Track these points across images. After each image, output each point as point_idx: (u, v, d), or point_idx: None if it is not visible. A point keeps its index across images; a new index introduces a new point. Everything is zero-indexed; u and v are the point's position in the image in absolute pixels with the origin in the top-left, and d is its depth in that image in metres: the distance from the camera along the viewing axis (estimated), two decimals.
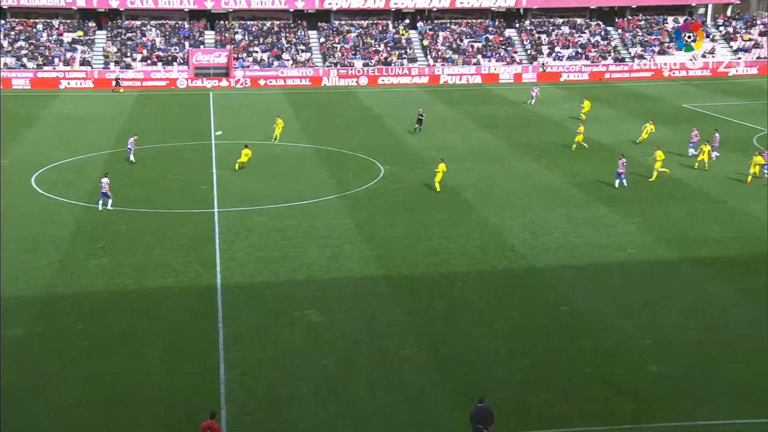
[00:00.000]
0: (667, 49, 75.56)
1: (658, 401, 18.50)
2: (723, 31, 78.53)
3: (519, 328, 22.25)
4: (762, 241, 28.63)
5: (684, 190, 35.39)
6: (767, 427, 17.50)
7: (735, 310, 23.15)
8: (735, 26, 79.29)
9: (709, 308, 23.35)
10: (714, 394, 18.75)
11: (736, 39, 77.28)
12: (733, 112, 53.99)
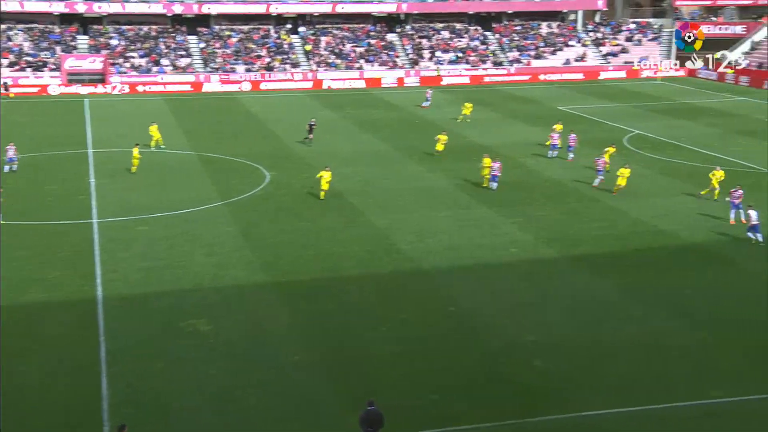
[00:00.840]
0: (542, 54, 78.50)
1: (544, 395, 19.16)
2: (593, 37, 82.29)
3: (408, 329, 22.57)
4: (635, 237, 30.17)
5: (561, 190, 36.82)
6: (647, 414, 18.43)
7: (613, 305, 24.27)
8: (603, 32, 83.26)
9: (589, 304, 24.39)
10: (596, 386, 19.58)
11: (605, 44, 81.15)
12: (605, 114, 56.66)
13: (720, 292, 24.99)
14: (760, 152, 43.87)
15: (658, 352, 21.15)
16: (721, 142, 46.75)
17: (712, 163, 40.63)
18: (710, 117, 55.80)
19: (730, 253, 28.28)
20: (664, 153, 43.81)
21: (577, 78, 76.08)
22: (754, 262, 27.28)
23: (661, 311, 23.61)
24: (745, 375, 19.87)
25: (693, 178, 38.52)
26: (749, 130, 50.84)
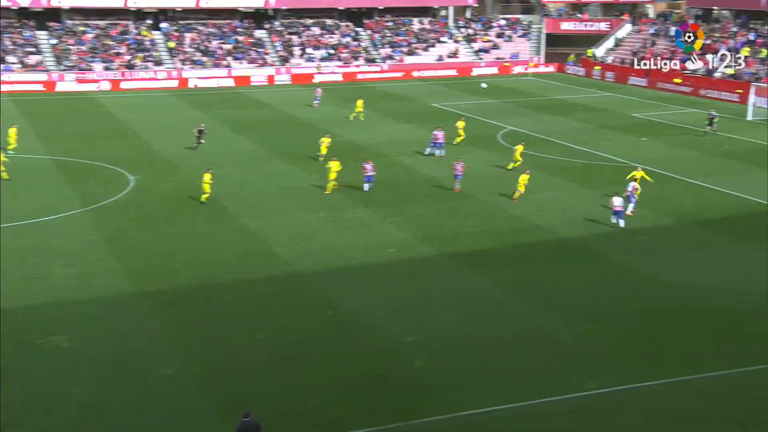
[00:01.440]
0: (414, 50, 79.83)
1: (425, 396, 19.46)
2: (464, 33, 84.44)
3: (284, 335, 22.40)
4: (512, 233, 31.15)
5: (438, 188, 37.55)
6: (526, 410, 19.04)
7: (492, 302, 24.95)
8: (475, 28, 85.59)
9: (468, 301, 24.97)
10: (477, 384, 20.04)
11: (476, 40, 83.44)
12: (479, 110, 58.24)
13: (594, 286, 26.15)
14: (627, 147, 46.26)
15: (537, 347, 21.91)
16: (591, 137, 48.99)
17: (584, 157, 42.53)
18: (580, 112, 58.40)
19: (603, 248, 29.65)
20: (537, 149, 45.46)
21: (451, 74, 77.84)
22: (625, 256, 28.71)
23: (539, 306, 24.48)
24: (616, 366, 20.86)
25: (567, 173, 40.16)
26: (617, 125, 53.55)
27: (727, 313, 23.88)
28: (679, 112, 58.80)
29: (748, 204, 34.90)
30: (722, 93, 63.15)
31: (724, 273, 27.07)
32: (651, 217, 33.06)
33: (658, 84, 69.49)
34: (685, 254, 28.84)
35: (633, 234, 30.99)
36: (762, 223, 32.29)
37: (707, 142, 47.39)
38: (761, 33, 68.16)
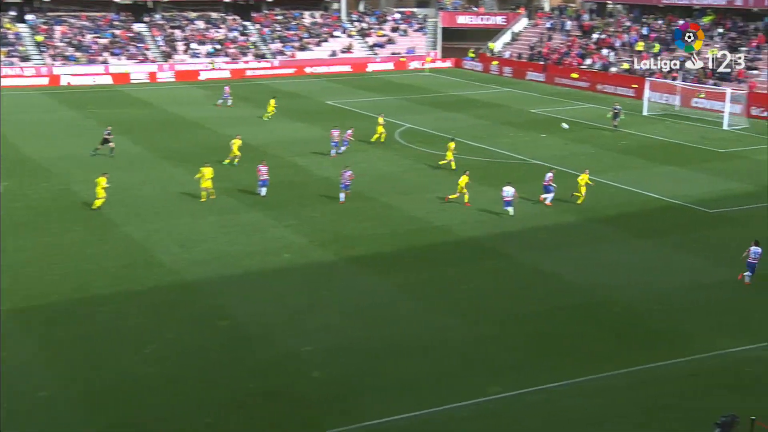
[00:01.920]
0: (306, 45, 79.73)
1: (324, 407, 19.51)
2: (358, 27, 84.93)
3: (174, 349, 22.04)
4: (411, 234, 31.58)
5: (334, 189, 37.70)
6: (429, 418, 19.35)
7: (392, 305, 25.24)
8: (369, 22, 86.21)
9: (368, 306, 25.19)
10: (378, 392, 20.23)
11: (370, 35, 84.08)
12: (375, 108, 58.67)
13: (496, 287, 26.82)
14: (527, 143, 47.59)
15: (439, 350, 22.31)
16: (490, 134, 50.15)
17: (483, 155, 43.48)
18: (478, 108, 59.68)
19: (505, 247, 30.42)
20: (436, 146, 46.19)
21: (345, 70, 78.17)
22: (527, 254, 29.56)
23: (440, 309, 24.93)
24: (519, 368, 21.47)
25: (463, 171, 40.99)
26: (516, 121, 55.01)
27: (629, 310, 24.93)
28: (577, 107, 60.89)
29: (646, 199, 36.49)
30: (618, 88, 65.71)
31: (625, 269, 28.25)
32: (552, 215, 34.14)
33: (556, 79, 71.73)
34: (587, 251, 29.93)
35: (535, 232, 31.92)
36: (659, 218, 33.84)
37: (604, 137, 49.25)
38: (654, 27, 71.34)
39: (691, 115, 56.31)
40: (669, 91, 59.70)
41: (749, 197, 36.56)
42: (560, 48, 75.66)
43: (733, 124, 52.57)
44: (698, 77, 61.20)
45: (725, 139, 49.46)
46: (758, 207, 34.95)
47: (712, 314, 24.62)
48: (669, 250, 29.98)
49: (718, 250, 30.00)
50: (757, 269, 26.71)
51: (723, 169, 41.54)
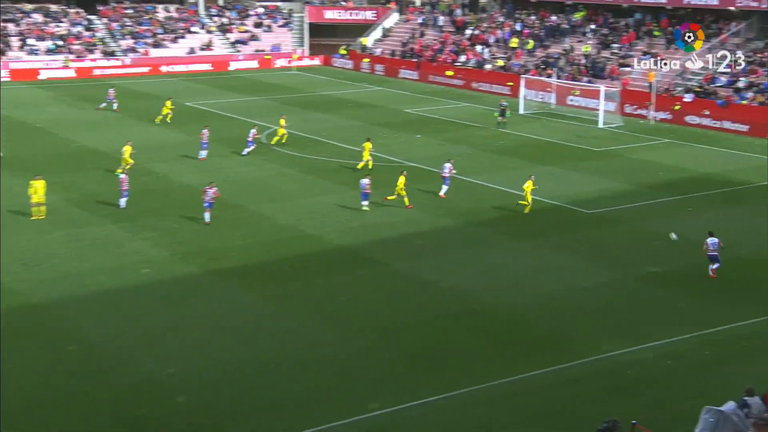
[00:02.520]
0: (161, 42, 78.06)
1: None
2: (218, 22, 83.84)
3: (18, 379, 21.02)
4: (282, 244, 31.35)
5: (197, 198, 37.03)
6: None
7: (264, 322, 24.95)
8: (229, 17, 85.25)
9: (236, 323, 24.81)
10: (249, 415, 19.91)
11: (232, 30, 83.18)
12: (239, 109, 58.10)
13: (373, 297, 26.95)
14: (401, 145, 48.16)
15: (314, 367, 22.22)
16: (363, 136, 50.45)
17: (356, 157, 43.67)
18: (350, 109, 60.01)
19: (381, 255, 30.64)
20: (306, 150, 46.14)
21: (205, 69, 77.05)
22: (404, 262, 29.87)
23: (315, 323, 24.84)
24: (400, 382, 21.62)
25: (338, 175, 41.10)
26: (389, 121, 55.61)
27: (510, 316, 25.55)
28: (452, 106, 62.14)
29: (519, 199, 37.51)
30: (494, 86, 67.49)
31: (505, 274, 28.96)
32: (428, 219, 34.66)
33: (430, 77, 73.00)
34: (466, 256, 30.52)
35: (412, 238, 32.30)
36: (538, 220, 34.91)
37: (481, 138, 50.42)
38: (527, 23, 73.72)
39: (567, 114, 58.44)
40: (544, 89, 61.77)
41: (625, 196, 38.21)
42: (433, 44, 77.06)
43: (608, 122, 54.86)
44: (572, 74, 63.60)
45: (600, 137, 51.57)
46: (634, 206, 36.58)
47: (595, 317, 25.56)
48: (549, 253, 30.95)
49: (597, 251, 31.19)
50: (718, 258, 28.04)
51: (599, 168, 43.27)
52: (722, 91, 56.26)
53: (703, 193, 38.87)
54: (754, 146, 48.95)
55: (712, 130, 53.39)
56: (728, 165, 44.55)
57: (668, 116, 56.12)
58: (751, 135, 51.58)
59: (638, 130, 53.69)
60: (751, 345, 23.52)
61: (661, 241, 31.86)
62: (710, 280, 28.18)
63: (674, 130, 53.77)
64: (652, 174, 42.29)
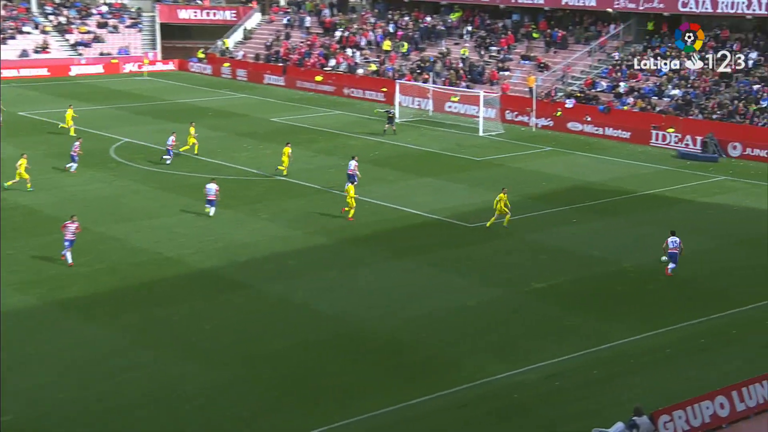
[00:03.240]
0: None
1: None
2: (55, 22, 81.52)
3: None
4: (136, 268, 30.71)
5: (36, 218, 35.91)
6: None
7: (116, 357, 24.25)
8: (68, 15, 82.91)
9: (85, 360, 24.06)
10: None
11: (71, 31, 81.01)
12: (83, 120, 56.55)
13: (241, 324, 26.68)
14: (268, 156, 47.95)
15: (174, 404, 21.82)
16: (225, 148, 50.08)
17: (219, 171, 43.26)
18: (210, 118, 59.41)
19: (249, 277, 30.41)
20: (161, 164, 45.42)
21: (41, 74, 74.87)
22: (274, 285, 29.75)
23: (176, 354, 24.42)
24: (271, 415, 21.52)
25: (198, 192, 40.65)
26: (254, 131, 55.36)
27: (391, 340, 25.76)
28: (323, 114, 62.41)
29: (403, 215, 38.05)
30: (367, 92, 68.19)
31: (385, 295, 29.22)
32: (301, 237, 34.69)
33: (298, 83, 73.13)
34: (341, 277, 30.65)
35: (282, 258, 32.24)
36: (418, 235, 35.43)
37: (355, 148, 50.72)
38: (401, 25, 74.86)
39: (446, 121, 59.61)
40: (421, 95, 62.83)
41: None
42: (300, 47, 77.28)
43: (488, 130, 56.25)
44: (450, 79, 64.96)
45: (481, 146, 52.82)
46: (518, 218, 37.60)
47: (479, 338, 26.08)
48: (430, 270, 31.44)
49: (481, 267, 31.89)
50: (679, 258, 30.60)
51: (481, 179, 44.28)
52: (603, 96, 58.57)
53: (587, 203, 40.32)
54: (636, 153, 51.20)
55: (594, 137, 55.44)
56: (611, 173, 46.37)
57: (550, 123, 57.98)
58: (632, 142, 53.88)
59: (520, 137, 55.27)
60: (639, 362, 24.51)
61: (546, 254, 32.90)
62: (595, 295, 29.27)
63: (556, 137, 55.62)
64: (536, 184, 43.60)
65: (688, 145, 51.47)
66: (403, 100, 62.13)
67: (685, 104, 54.36)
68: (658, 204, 40.61)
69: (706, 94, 54.81)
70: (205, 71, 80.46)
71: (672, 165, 48.33)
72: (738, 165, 48.50)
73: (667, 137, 52.62)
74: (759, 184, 43.00)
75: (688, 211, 38.67)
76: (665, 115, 53.97)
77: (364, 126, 55.23)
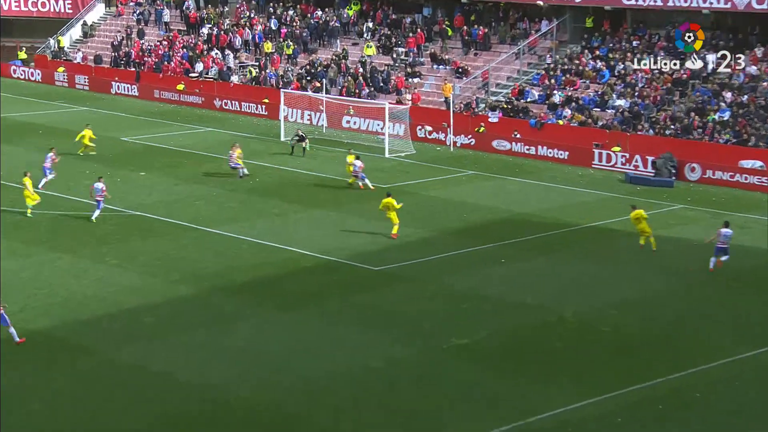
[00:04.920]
0: None
1: None
2: None
3: None
4: None
5: None
6: None
7: None
8: None
9: None
10: None
11: None
12: None
13: (82, 398, 26.04)
14: (118, 186, 47.09)
15: None
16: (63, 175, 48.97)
17: (57, 206, 42.36)
18: (41, 137, 58.35)
19: (93, 339, 29.82)
20: None
21: None
22: (127, 349, 29.20)
23: None
24: None
25: (28, 231, 39.78)
26: (99, 154, 54.39)
27: (272, 414, 25.48)
28: (188, 132, 61.88)
29: (289, 257, 37.84)
30: (244, 104, 67.89)
31: (263, 358, 28.85)
32: (160, 287, 34.19)
33: (156, 92, 72.48)
34: (211, 336, 30.24)
35: (137, 314, 31.71)
36: (309, 281, 35.24)
37: (228, 174, 50.39)
38: (285, 20, 74.94)
39: (343, 139, 59.71)
40: (312, 108, 62.84)
41: (422, 246, 39.31)
42: (158, 48, 76.73)
43: (396, 150, 56.55)
44: (348, 87, 65.21)
45: (388, 170, 52.95)
46: (434, 259, 37.73)
47: (386, 408, 25.93)
48: (325, 324, 31.23)
49: (389, 319, 31.79)
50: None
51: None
52: (535, 107, 59.33)
53: (518, 238, 40.73)
54: (575, 177, 52.08)
55: (525, 158, 56.19)
56: (546, 202, 46.97)
57: (471, 141, 58.55)
58: (570, 163, 54.74)
59: (435, 159, 55.70)
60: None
61: (468, 302, 33.08)
62: (529, 352, 29.48)
63: (479, 158, 56.22)
64: (455, 216, 43.90)
65: (638, 167, 52.54)
66: (290, 113, 62.15)
67: (632, 117, 55.41)
68: (603, 238, 41.33)
69: (656, 104, 56.02)
70: (33, 77, 79.16)
71: (619, 191, 49.22)
72: (697, 190, 49.67)
73: (612, 157, 53.66)
74: (721, 214, 43.98)
75: (639, 247, 39.36)
76: (609, 131, 55.03)
77: (242, 147, 54.80)
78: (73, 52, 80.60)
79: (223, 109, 68.99)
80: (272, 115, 63.72)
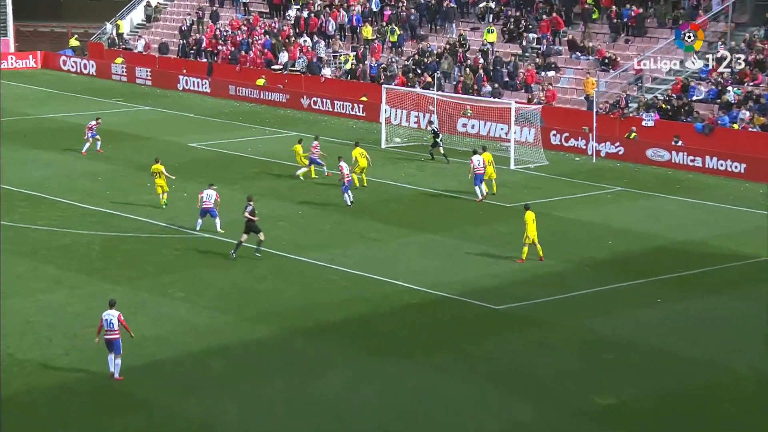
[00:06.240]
0: None
1: None
2: None
3: None
4: None
5: None
6: None
7: None
8: None
9: None
10: None
11: None
12: None
13: None
14: (184, 201, 47.69)
15: None
16: (118, 188, 49.64)
17: (105, 225, 42.94)
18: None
19: (147, 390, 30.03)
20: (16, 212, 45.19)
21: None
22: (185, 401, 29.38)
23: None
24: None
25: (69, 254, 40.34)
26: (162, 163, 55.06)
27: None
28: (269, 137, 62.34)
29: (390, 290, 37.63)
30: (337, 102, 67.87)
31: (352, 413, 28.67)
32: (233, 326, 34.38)
33: (231, 89, 73.06)
34: (290, 387, 30.19)
35: (204, 359, 31.89)
36: (410, 321, 35.06)
37: (317, 189, 50.60)
38: (388, 0, 75.01)
39: (458, 147, 59.46)
40: (420, 108, 62.66)
41: (555, 281, 38.91)
42: (234, 35, 77.47)
43: (524, 161, 56.16)
44: (464, 82, 64.82)
45: (513, 185, 52.63)
46: (569, 297, 37.28)
47: None
48: (432, 376, 30.98)
49: (513, 373, 31.45)
50: None
51: (510, 236, 43.89)
52: (703, 108, 58.34)
53: (678, 273, 40.05)
54: (755, 197, 50.97)
55: (688, 171, 55.37)
56: (716, 228, 46.19)
57: (618, 149, 57.93)
58: (748, 178, 53.74)
59: (573, 172, 55.24)
60: None
61: (614, 351, 32.56)
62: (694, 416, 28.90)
63: (629, 171, 55.62)
64: (598, 244, 43.42)
65: None
66: (393, 114, 62.18)
67: None
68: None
69: None
70: (86, 70, 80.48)
71: None
72: None
73: None
74: None
75: None
76: None
77: (331, 154, 54.84)
78: (134, 39, 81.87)
79: (312, 109, 69.31)
80: (371, 116, 63.87)
